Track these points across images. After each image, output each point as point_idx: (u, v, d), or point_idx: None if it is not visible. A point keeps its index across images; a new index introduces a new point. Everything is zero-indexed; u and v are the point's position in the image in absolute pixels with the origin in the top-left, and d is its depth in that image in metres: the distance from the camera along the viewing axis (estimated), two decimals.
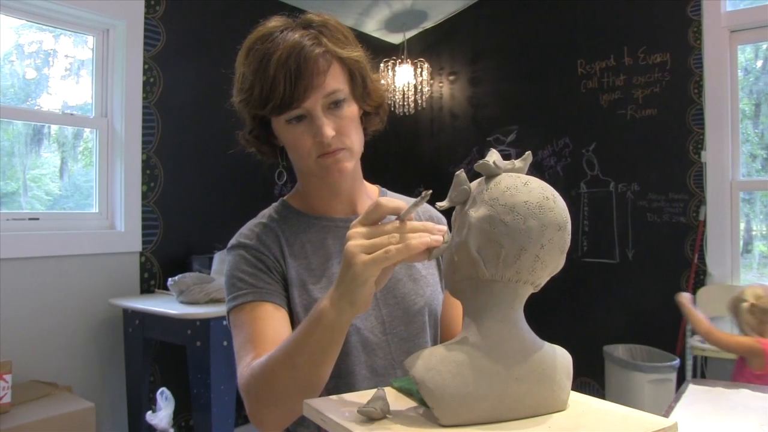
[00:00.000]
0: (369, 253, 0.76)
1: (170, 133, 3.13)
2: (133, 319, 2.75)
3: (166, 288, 2.93)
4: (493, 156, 0.76)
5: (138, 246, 2.98)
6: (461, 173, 0.77)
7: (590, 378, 3.63)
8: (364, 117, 1.13)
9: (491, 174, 0.76)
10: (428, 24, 4.53)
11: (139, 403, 2.80)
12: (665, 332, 3.40)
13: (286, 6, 3.51)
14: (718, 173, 3.33)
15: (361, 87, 1.08)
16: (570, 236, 0.75)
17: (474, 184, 0.78)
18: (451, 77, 4.54)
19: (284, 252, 1.09)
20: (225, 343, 2.51)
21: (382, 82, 1.17)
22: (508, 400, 0.72)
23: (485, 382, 0.71)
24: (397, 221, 0.79)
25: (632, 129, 3.62)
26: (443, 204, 0.79)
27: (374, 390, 0.76)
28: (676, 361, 3.10)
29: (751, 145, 3.53)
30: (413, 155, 4.68)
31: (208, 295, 2.59)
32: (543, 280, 0.76)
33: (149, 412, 2.37)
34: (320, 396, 0.93)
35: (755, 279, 3.45)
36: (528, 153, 0.79)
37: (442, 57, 4.58)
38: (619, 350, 3.36)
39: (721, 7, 3.34)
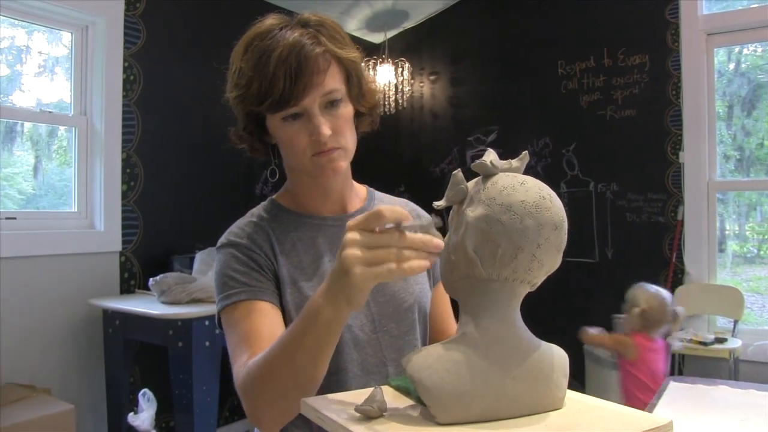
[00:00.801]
0: (367, 265, 0.74)
1: (150, 132, 3.09)
2: (114, 319, 2.72)
3: (146, 288, 2.90)
4: (490, 156, 0.77)
5: (118, 246, 2.94)
6: (458, 173, 0.77)
7: (570, 377, 3.65)
8: (357, 117, 1.13)
9: (488, 173, 0.76)
10: (409, 24, 4.54)
11: (120, 404, 2.77)
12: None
13: (268, 5, 3.49)
14: (695, 174, 3.39)
15: (357, 87, 1.09)
16: (567, 235, 0.76)
17: (471, 183, 0.78)
18: (432, 77, 4.55)
19: (275, 250, 1.09)
20: (207, 344, 2.49)
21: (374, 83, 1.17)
22: (505, 399, 0.72)
23: (482, 380, 0.71)
24: (396, 232, 0.76)
25: (612, 129, 3.66)
26: (440, 203, 0.79)
27: (371, 389, 0.76)
28: None
29: (724, 146, 3.59)
30: (394, 155, 4.68)
31: (190, 295, 2.57)
32: (540, 279, 0.76)
33: (131, 414, 2.35)
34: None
35: (728, 277, 3.51)
36: (525, 153, 0.80)
37: (423, 57, 4.59)
38: (599, 349, 3.39)
39: (698, 10, 3.39)
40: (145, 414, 2.29)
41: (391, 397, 0.80)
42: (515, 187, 0.74)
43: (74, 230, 2.85)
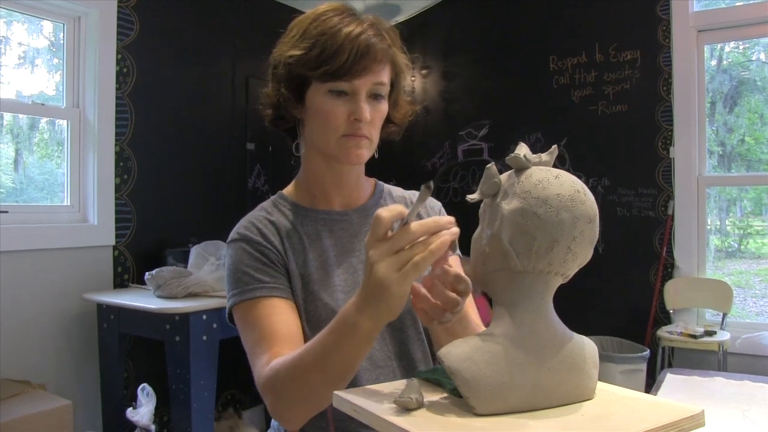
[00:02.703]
0: (398, 270, 0.75)
1: (144, 125, 3.06)
2: (108, 314, 2.69)
3: (140, 282, 2.88)
4: (523, 149, 0.77)
5: (111, 240, 2.91)
6: (492, 166, 0.78)
7: None
8: (384, 123, 1.16)
9: (521, 167, 0.77)
10: (401, 18, 4.53)
11: (115, 399, 2.75)
12: (635, 324, 3.49)
13: None
14: (685, 169, 3.42)
15: (397, 94, 1.14)
16: (599, 229, 0.77)
17: (504, 176, 0.79)
18: (424, 71, 4.55)
19: (285, 244, 1.10)
20: (204, 338, 2.48)
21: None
22: (540, 390, 0.73)
23: (519, 371, 0.72)
24: (404, 227, 0.77)
25: (603, 125, 3.69)
26: (473, 197, 0.79)
27: (403, 381, 0.76)
28: (646, 352, 3.18)
29: (707, 142, 3.63)
30: (385, 148, 4.66)
31: (187, 289, 2.55)
32: (573, 272, 0.77)
33: (130, 409, 2.33)
34: None
35: (710, 272, 3.55)
36: (554, 147, 0.81)
37: (414, 51, 4.57)
38: None
39: (689, 7, 3.43)
40: (144, 409, 2.27)
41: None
42: (550, 180, 0.75)
43: (67, 224, 2.82)
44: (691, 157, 3.41)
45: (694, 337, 3.09)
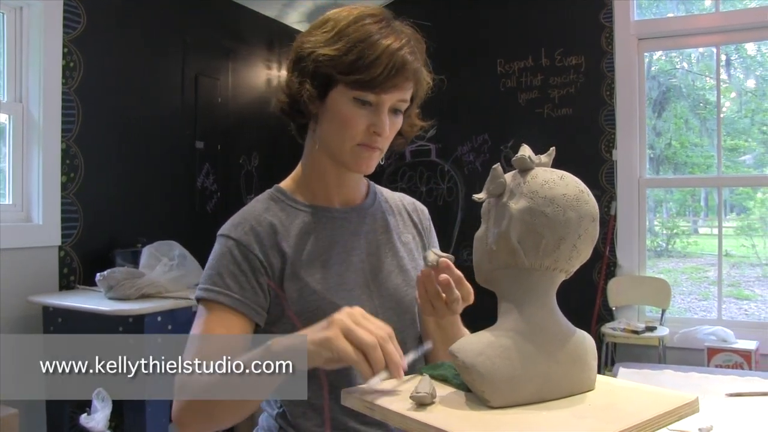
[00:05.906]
0: (346, 333, 0.79)
1: (91, 122, 2.95)
2: (55, 317, 2.59)
3: (87, 284, 2.79)
4: (527, 151, 0.80)
5: (57, 240, 2.80)
6: (498, 167, 0.80)
7: None
8: None
9: (526, 168, 0.80)
10: None
11: (61, 405, 2.65)
12: (580, 321, 3.58)
13: None
14: (627, 171, 3.56)
15: (412, 108, 1.15)
16: (599, 227, 0.80)
17: (508, 177, 0.81)
18: None
19: (279, 243, 1.08)
20: (159, 340, 2.42)
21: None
22: (549, 382, 0.76)
23: (531, 365, 0.75)
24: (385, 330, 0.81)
25: (549, 127, 3.79)
26: (480, 196, 0.82)
27: (411, 377, 0.78)
28: None
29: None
30: None
31: (140, 290, 2.49)
32: (575, 268, 0.81)
33: (84, 415, 2.24)
34: (321, 390, 1.00)
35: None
36: (552, 149, 0.84)
37: None
38: None
39: (630, 16, 3.57)
40: (99, 414, 2.19)
41: None
42: (555, 181, 0.77)
43: (10, 224, 2.69)
44: (632, 160, 3.56)
45: (636, 332, 3.22)
